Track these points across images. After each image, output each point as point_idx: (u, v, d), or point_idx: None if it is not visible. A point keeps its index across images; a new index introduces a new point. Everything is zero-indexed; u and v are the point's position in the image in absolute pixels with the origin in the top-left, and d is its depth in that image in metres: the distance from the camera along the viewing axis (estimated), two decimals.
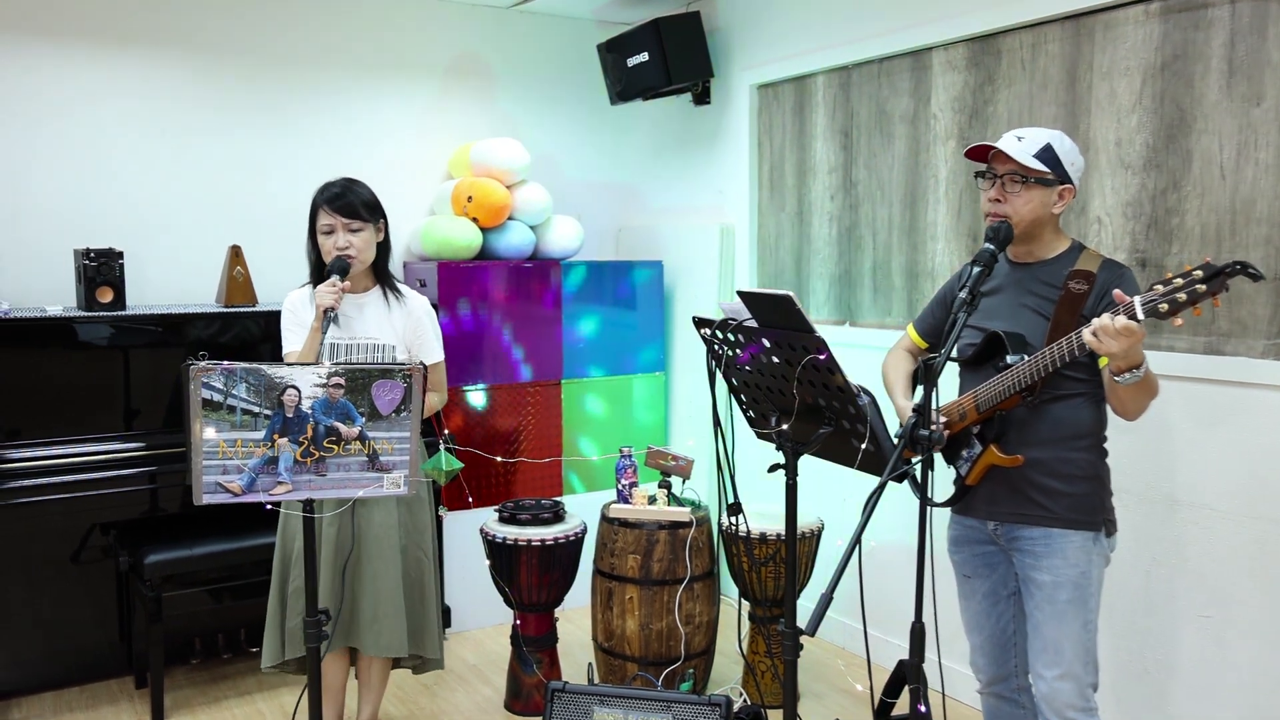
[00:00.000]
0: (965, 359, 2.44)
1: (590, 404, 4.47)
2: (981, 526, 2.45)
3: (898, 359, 2.65)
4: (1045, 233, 2.34)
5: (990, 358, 2.35)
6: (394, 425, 2.28)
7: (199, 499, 2.18)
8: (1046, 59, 3.19)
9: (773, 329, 2.18)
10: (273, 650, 2.86)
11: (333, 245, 2.76)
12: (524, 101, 4.81)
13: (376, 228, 2.84)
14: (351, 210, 2.76)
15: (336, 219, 2.75)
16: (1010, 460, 2.30)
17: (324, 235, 2.77)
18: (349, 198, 2.77)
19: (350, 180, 2.84)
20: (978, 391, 2.34)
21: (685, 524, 3.38)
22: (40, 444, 3.43)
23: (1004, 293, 2.39)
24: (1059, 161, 2.28)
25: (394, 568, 2.82)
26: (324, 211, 2.77)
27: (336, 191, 2.78)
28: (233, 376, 2.15)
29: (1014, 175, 2.29)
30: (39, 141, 3.80)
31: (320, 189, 2.82)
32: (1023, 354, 2.25)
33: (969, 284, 2.16)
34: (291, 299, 2.88)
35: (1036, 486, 2.31)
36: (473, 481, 4.13)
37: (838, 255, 4.01)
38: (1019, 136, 2.31)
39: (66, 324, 3.50)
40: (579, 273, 4.40)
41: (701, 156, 4.64)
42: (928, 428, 2.08)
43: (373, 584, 2.81)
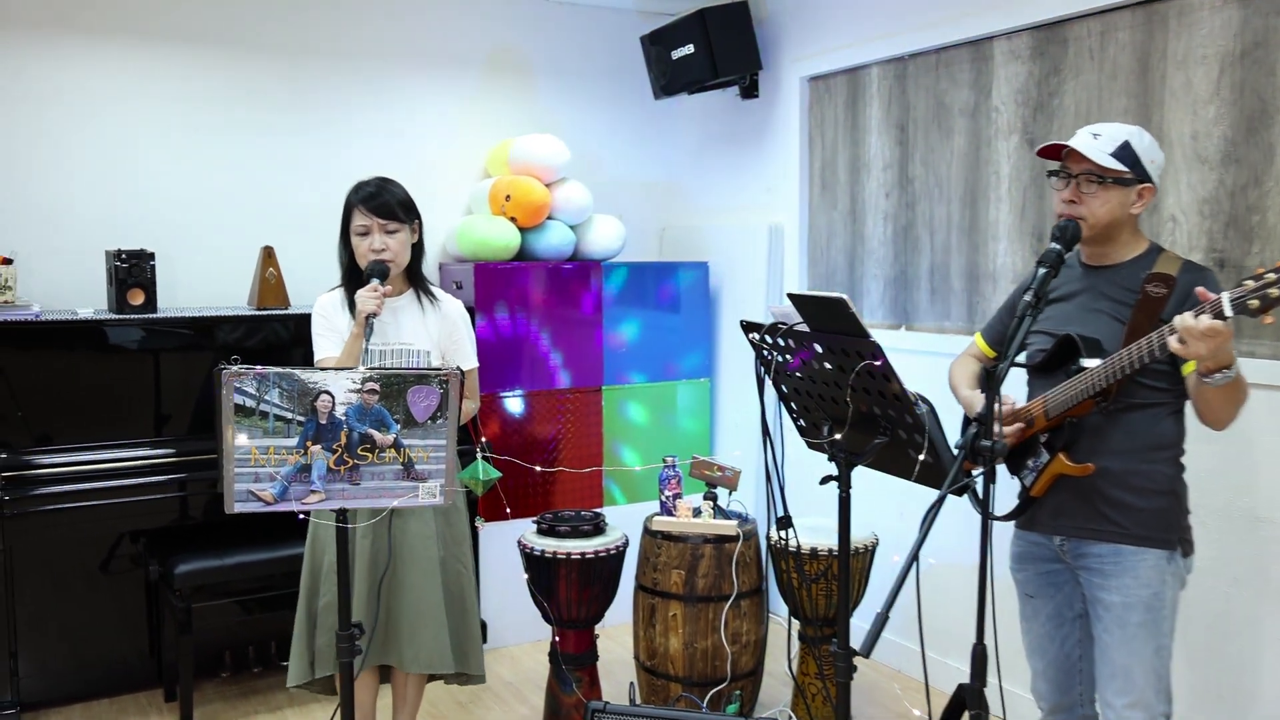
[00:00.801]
0: (1035, 364, 2.41)
1: (632, 411, 4.47)
2: (1047, 542, 2.42)
3: (965, 364, 2.63)
4: (1123, 234, 2.31)
5: (1062, 363, 2.32)
6: (430, 433, 2.29)
7: (230, 507, 2.21)
8: (1116, 48, 3.15)
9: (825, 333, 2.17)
10: (300, 668, 2.87)
11: (368, 248, 2.78)
12: (564, 96, 4.83)
13: (412, 229, 2.86)
14: (388, 210, 2.78)
15: (372, 220, 2.78)
16: (1080, 469, 2.27)
17: (358, 237, 2.80)
18: (385, 197, 2.79)
19: (385, 179, 2.86)
20: (1047, 397, 2.31)
21: (732, 538, 3.38)
22: (70, 449, 3.50)
23: (1077, 298, 2.36)
24: (1138, 160, 2.25)
25: (434, 580, 2.84)
26: (359, 212, 2.80)
27: (371, 191, 2.80)
28: (265, 382, 2.19)
29: (1090, 175, 2.26)
30: (71, 140, 3.89)
31: (354, 188, 2.84)
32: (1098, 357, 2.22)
33: (1034, 286, 2.14)
34: (322, 303, 2.91)
35: (1108, 500, 2.28)
36: (510, 491, 4.15)
37: (893, 256, 3.99)
38: (1095, 134, 2.27)
39: (97, 327, 3.57)
40: (621, 274, 4.41)
41: (749, 153, 4.64)
42: (989, 438, 2.05)
43: (412, 597, 2.82)
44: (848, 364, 2.14)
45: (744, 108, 4.63)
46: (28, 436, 3.48)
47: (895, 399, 2.10)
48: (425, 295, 2.91)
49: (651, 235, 5.14)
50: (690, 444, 4.56)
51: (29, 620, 3.52)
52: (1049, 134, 3.36)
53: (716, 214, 4.86)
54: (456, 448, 2.38)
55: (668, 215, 5.16)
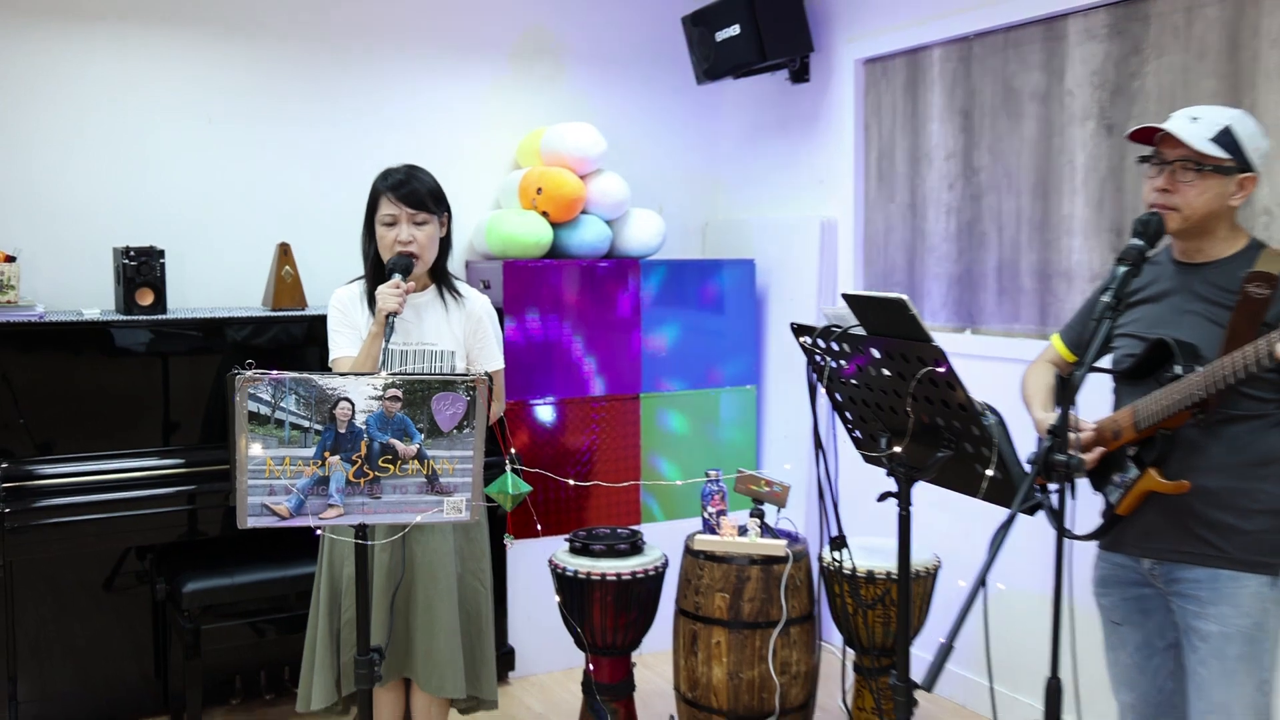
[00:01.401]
0: (1123, 371, 2.38)
1: (672, 421, 4.47)
2: (1135, 565, 2.38)
3: (1041, 371, 2.60)
4: (1220, 228, 2.27)
5: (1154, 370, 2.28)
6: (455, 443, 2.30)
7: (243, 522, 2.23)
8: (1204, 25, 3.10)
9: (883, 337, 2.16)
10: (319, 690, 2.87)
11: (394, 239, 2.80)
12: (600, 82, 4.84)
13: (441, 221, 2.88)
14: (417, 200, 2.80)
15: (401, 209, 2.80)
16: (1174, 487, 2.23)
17: (384, 227, 2.82)
18: (414, 185, 2.81)
19: (414, 167, 2.88)
20: (1137, 407, 2.28)
21: (780, 559, 3.36)
22: (73, 459, 3.55)
23: (1168, 298, 2.33)
24: (1240, 146, 2.21)
25: (450, 599, 2.85)
26: (386, 200, 2.81)
27: (400, 178, 2.82)
28: (281, 387, 2.20)
29: (1186, 162, 2.22)
30: (77, 131, 3.95)
31: (381, 175, 2.86)
32: (1194, 365, 2.19)
33: (1114, 287, 2.12)
34: (340, 296, 2.93)
35: (1204, 520, 2.24)
36: (541, 507, 4.16)
37: (957, 253, 3.96)
38: (1193, 117, 2.24)
39: (103, 328, 3.62)
40: (660, 273, 4.41)
41: (799, 141, 4.62)
42: (1064, 452, 2.03)
43: (428, 617, 2.84)
44: (908, 370, 2.12)
45: (794, 93, 4.61)
46: (29, 445, 3.53)
47: (960, 409, 2.08)
48: (449, 291, 2.92)
49: (693, 231, 5.13)
50: (735, 457, 4.55)
51: (29, 641, 3.56)
52: (1128, 119, 3.32)
53: (764, 208, 4.84)
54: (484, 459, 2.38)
55: (711, 209, 5.15)
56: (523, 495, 2.94)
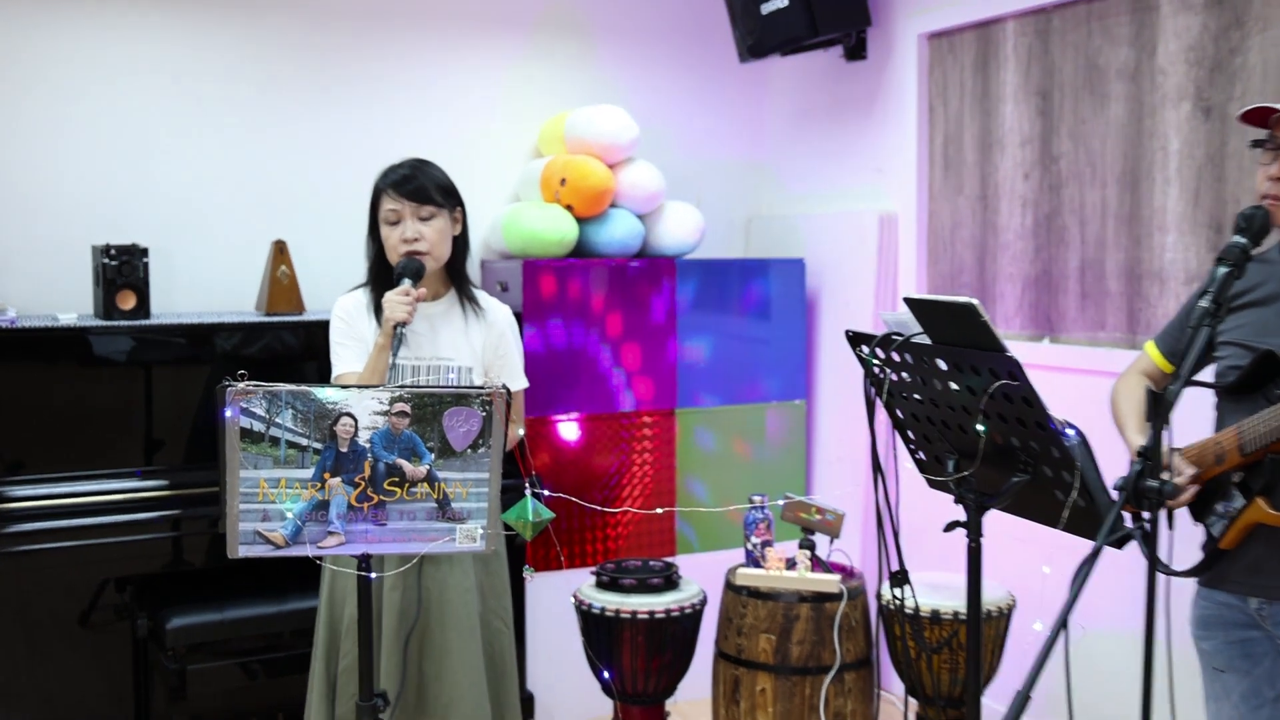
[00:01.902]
0: (1227, 385, 2.36)
1: (711, 440, 4.46)
2: (1241, 605, 2.36)
3: (1132, 384, 2.58)
4: None
5: (1262, 384, 2.27)
6: (469, 464, 2.31)
7: (234, 551, 2.24)
8: None
9: (950, 346, 2.15)
10: None
11: (399, 238, 2.82)
12: (630, 60, 4.85)
13: (453, 216, 2.90)
14: (422, 194, 2.83)
15: (403, 204, 2.82)
16: None
17: (388, 226, 2.85)
18: (419, 180, 2.84)
19: (420, 160, 2.91)
20: (1243, 427, 2.26)
21: (834, 596, 3.35)
22: (46, 481, 3.58)
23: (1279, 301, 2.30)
24: None
25: (473, 642, 2.86)
26: (388, 196, 2.84)
27: (404, 173, 2.86)
28: (277, 401, 2.22)
29: None
30: (53, 118, 3.99)
31: (383, 172, 2.89)
32: None
33: (1213, 289, 2.11)
34: (343, 305, 2.95)
35: None
36: (564, 535, 4.16)
37: (1033, 251, 3.94)
38: None
39: (80, 335, 3.66)
40: (698, 274, 4.41)
41: (855, 126, 4.61)
42: (1157, 477, 2.02)
43: (451, 662, 2.84)
44: (979, 384, 2.12)
45: (849, 72, 4.61)
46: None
47: (1038, 427, 2.07)
48: (469, 301, 2.93)
49: (735, 227, 5.13)
50: (782, 480, 4.54)
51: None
52: (1228, 101, 3.29)
53: (815, 201, 4.83)
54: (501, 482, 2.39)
55: (755, 203, 5.15)
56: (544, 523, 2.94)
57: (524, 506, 3.04)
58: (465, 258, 2.97)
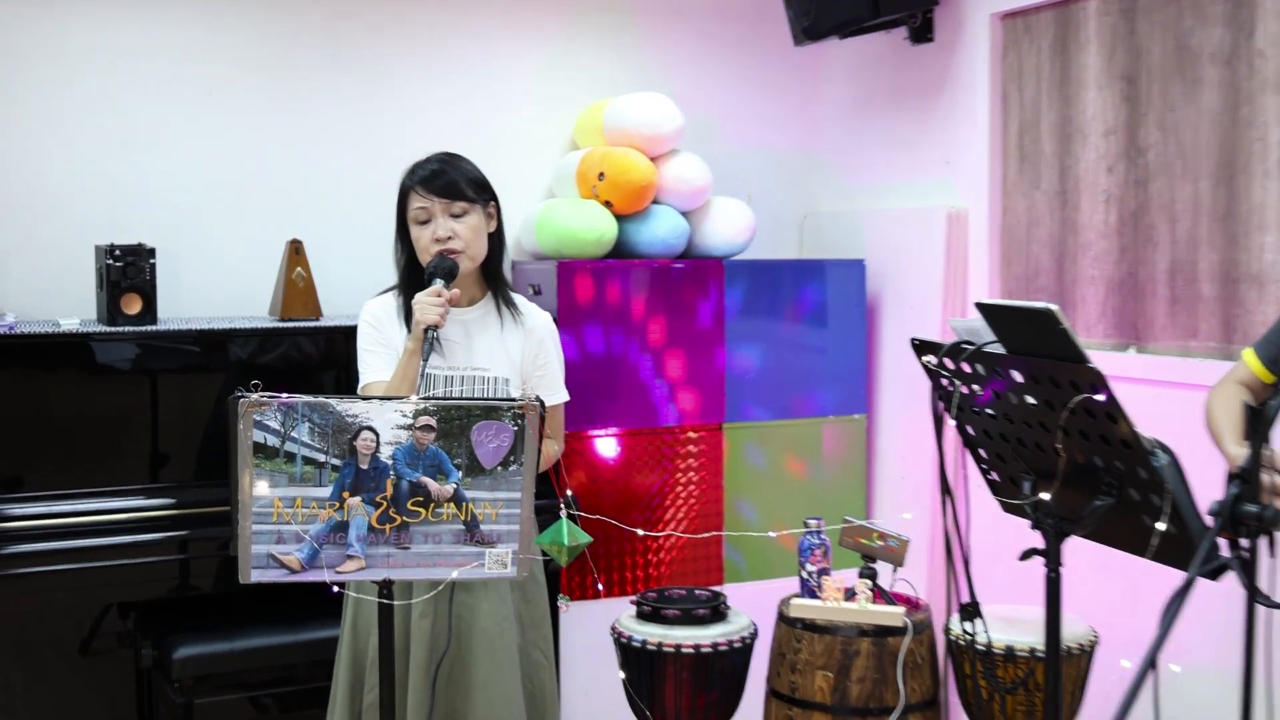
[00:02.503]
0: None
1: (762, 457, 4.46)
2: None
3: (1230, 394, 2.56)
4: None
5: None
6: (500, 483, 2.32)
7: (246, 576, 2.26)
8: None
9: (1026, 357, 2.14)
10: None
11: (430, 238, 2.84)
12: (675, 44, 4.86)
13: (487, 212, 2.92)
14: (453, 189, 2.85)
15: (433, 201, 2.84)
16: None
17: (418, 226, 2.87)
18: (449, 174, 2.86)
19: (448, 154, 2.94)
20: None
21: (897, 630, 3.33)
22: (45, 498, 3.62)
23: None
24: None
25: (512, 675, 2.86)
26: (416, 194, 2.87)
27: (433, 168, 2.88)
28: (293, 413, 2.24)
29: None
30: (51, 109, 4.03)
31: (409, 169, 2.92)
32: None
33: None
34: (372, 310, 2.97)
35: None
36: (602, 561, 4.17)
37: (1118, 252, 3.92)
38: None
39: (82, 342, 3.70)
40: (748, 276, 4.41)
41: (921, 115, 4.60)
42: (1256, 501, 2.00)
43: (485, 697, 2.84)
44: (1058, 398, 2.11)
45: (914, 56, 4.59)
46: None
47: (1123, 446, 2.06)
48: (506, 305, 2.95)
49: (789, 224, 5.12)
50: (840, 502, 4.52)
51: None
52: None
53: (876, 196, 4.82)
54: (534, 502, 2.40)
55: (810, 198, 5.14)
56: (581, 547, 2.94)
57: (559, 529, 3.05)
58: (502, 257, 2.98)
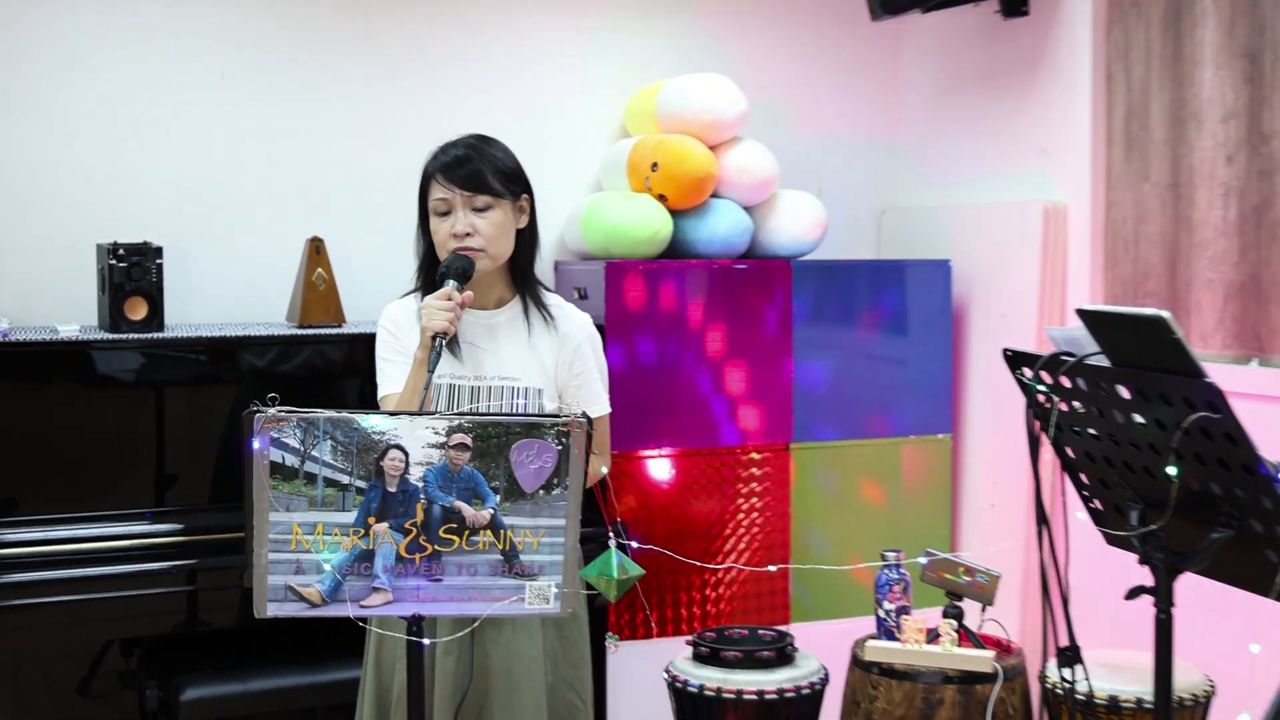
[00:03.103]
0: None
1: (834, 482, 4.44)
2: None
3: None
4: None
5: None
6: (542, 508, 2.32)
7: (262, 610, 2.28)
8: None
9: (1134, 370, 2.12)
10: None
11: (448, 232, 2.85)
12: (737, 20, 4.86)
13: (517, 206, 2.92)
14: (476, 180, 2.84)
15: (454, 192, 2.84)
16: None
17: (437, 218, 2.87)
18: (475, 163, 2.85)
19: (480, 138, 2.93)
20: None
21: (986, 676, 3.32)
22: (41, 523, 3.65)
23: None
24: None
25: (538, 718, 2.87)
26: (436, 183, 2.87)
27: (457, 154, 2.87)
28: (313, 430, 2.25)
29: None
30: (52, 99, 4.08)
31: (434, 152, 2.92)
32: None
33: None
34: (391, 313, 2.99)
35: None
36: (654, 596, 4.16)
37: (1238, 252, 3.88)
38: None
39: (82, 350, 3.74)
40: (819, 278, 4.40)
41: (1014, 98, 4.58)
42: None
43: None
44: (1170, 417, 2.09)
45: (1007, 32, 4.57)
46: None
47: (1244, 471, 2.05)
48: (537, 307, 2.95)
49: (865, 221, 5.10)
50: (922, 533, 4.50)
51: None
52: None
53: (963, 189, 4.80)
54: (580, 530, 2.40)
55: (889, 192, 5.12)
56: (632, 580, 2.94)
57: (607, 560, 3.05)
58: (533, 255, 2.98)
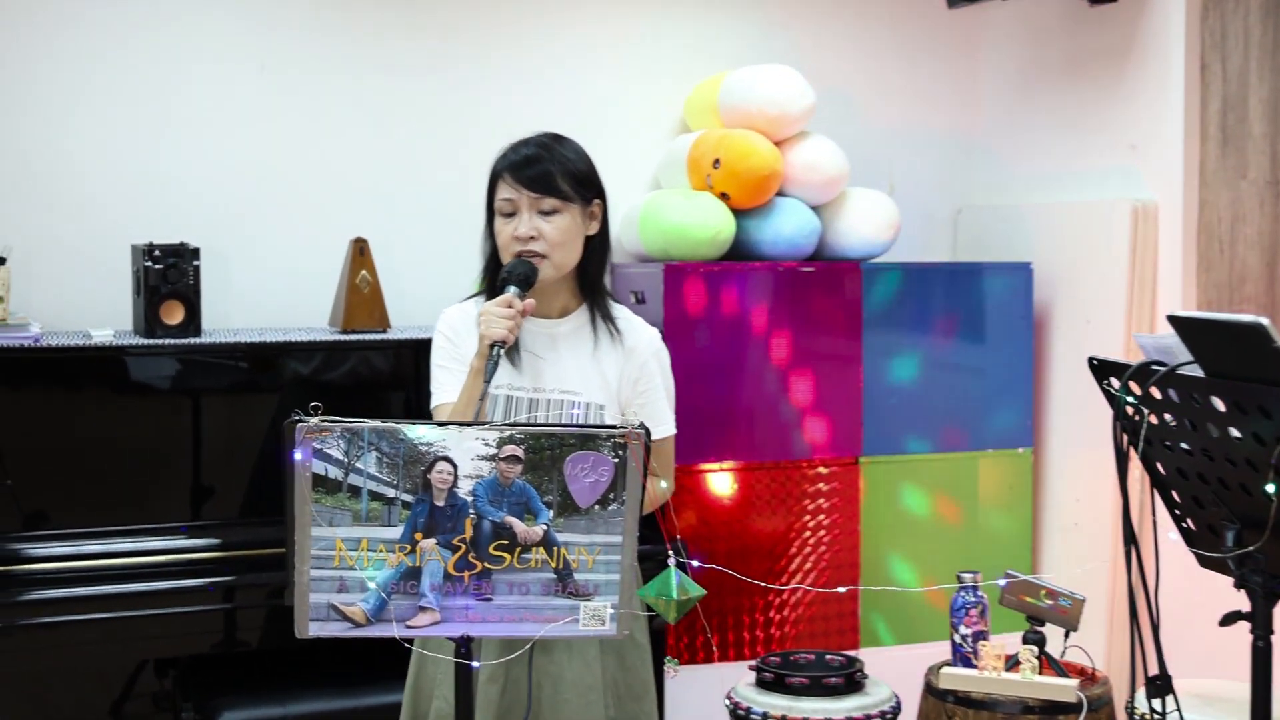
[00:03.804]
0: None
1: (907, 498, 4.43)
2: None
3: None
4: None
5: None
6: (597, 524, 2.32)
7: (303, 629, 2.29)
8: None
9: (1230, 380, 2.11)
10: None
11: (511, 235, 2.86)
12: (804, 8, 4.86)
13: (587, 212, 2.92)
14: (544, 181, 2.85)
15: (521, 193, 2.85)
16: None
17: (502, 219, 2.88)
18: (545, 164, 2.86)
19: (553, 137, 2.93)
20: None
21: (1070, 707, 3.29)
22: (73, 537, 3.68)
23: None
24: None
25: None
26: (504, 182, 2.87)
27: (528, 153, 2.88)
28: (358, 441, 2.26)
29: None
30: (82, 90, 4.13)
31: (504, 150, 2.92)
32: None
33: None
34: (449, 319, 3.00)
35: None
36: (715, 618, 4.16)
37: None
38: None
39: (115, 356, 3.78)
40: (891, 281, 4.40)
41: (1100, 89, 4.55)
42: None
43: None
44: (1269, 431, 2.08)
45: (1093, 19, 4.54)
46: (15, 516, 3.68)
47: None
48: (604, 319, 2.95)
49: (940, 221, 5.09)
50: (1001, 553, 4.47)
51: None
52: None
53: (1045, 187, 4.78)
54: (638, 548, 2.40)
55: (965, 190, 5.10)
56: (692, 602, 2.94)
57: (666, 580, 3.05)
58: (604, 265, 2.97)
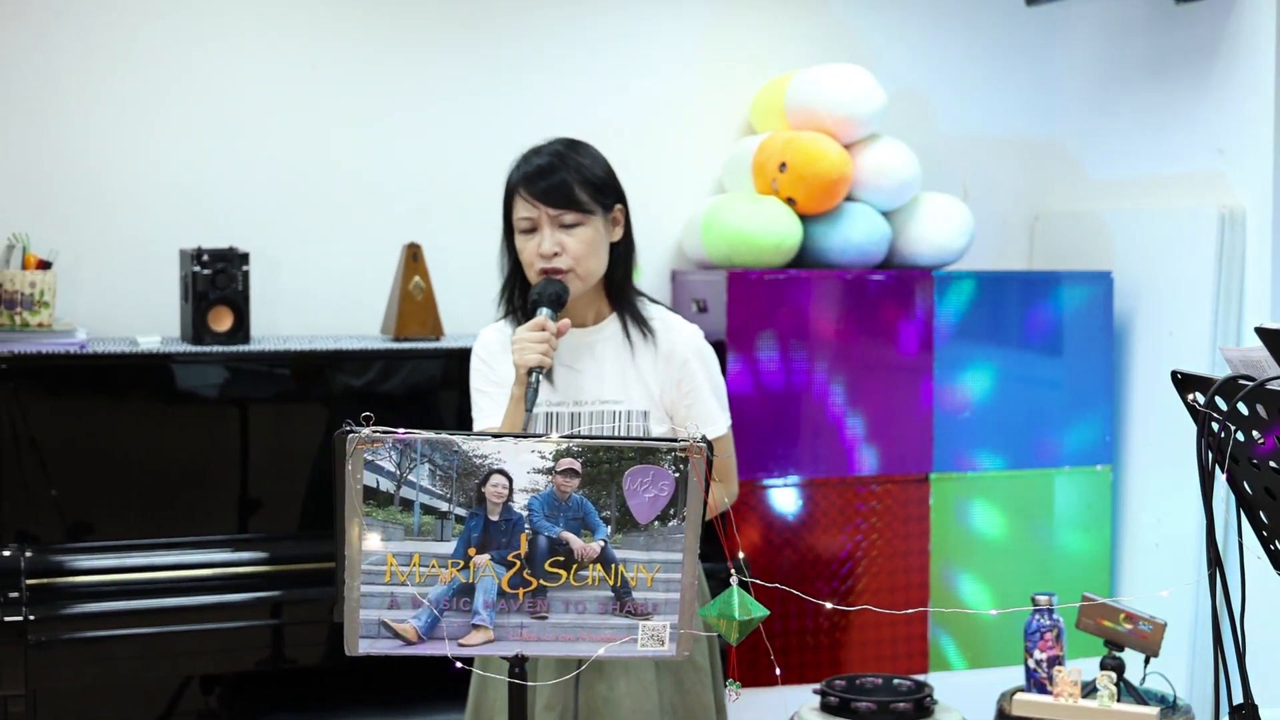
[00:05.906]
0: None
1: (980, 517, 4.41)
2: None
3: None
4: None
5: None
6: (657, 541, 2.33)
7: (353, 647, 2.30)
8: None
9: None
10: None
11: (534, 252, 2.85)
12: (874, 7, 4.85)
13: (609, 219, 2.91)
14: (561, 194, 2.83)
15: (539, 210, 2.84)
16: None
17: (523, 236, 2.87)
18: (559, 174, 2.84)
19: (566, 144, 2.92)
20: None
21: None
22: (117, 549, 3.72)
23: None
24: None
25: None
26: (519, 198, 2.87)
27: (540, 164, 2.86)
28: (410, 453, 2.27)
29: None
30: (129, 91, 4.18)
31: (516, 161, 2.92)
32: None
33: None
34: (485, 342, 3.00)
35: None
36: (778, 640, 4.15)
37: None
38: None
39: (162, 364, 3.81)
40: (965, 290, 4.38)
41: (1185, 90, 4.52)
42: None
43: None
44: None
45: (1178, 17, 4.51)
46: (59, 527, 3.73)
47: None
48: (635, 323, 2.95)
49: (1016, 227, 5.06)
50: (1078, 575, 4.45)
51: None
52: None
53: (1127, 192, 4.75)
54: (699, 566, 2.40)
55: (1043, 195, 5.08)
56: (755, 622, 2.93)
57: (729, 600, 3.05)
58: (630, 268, 2.97)
